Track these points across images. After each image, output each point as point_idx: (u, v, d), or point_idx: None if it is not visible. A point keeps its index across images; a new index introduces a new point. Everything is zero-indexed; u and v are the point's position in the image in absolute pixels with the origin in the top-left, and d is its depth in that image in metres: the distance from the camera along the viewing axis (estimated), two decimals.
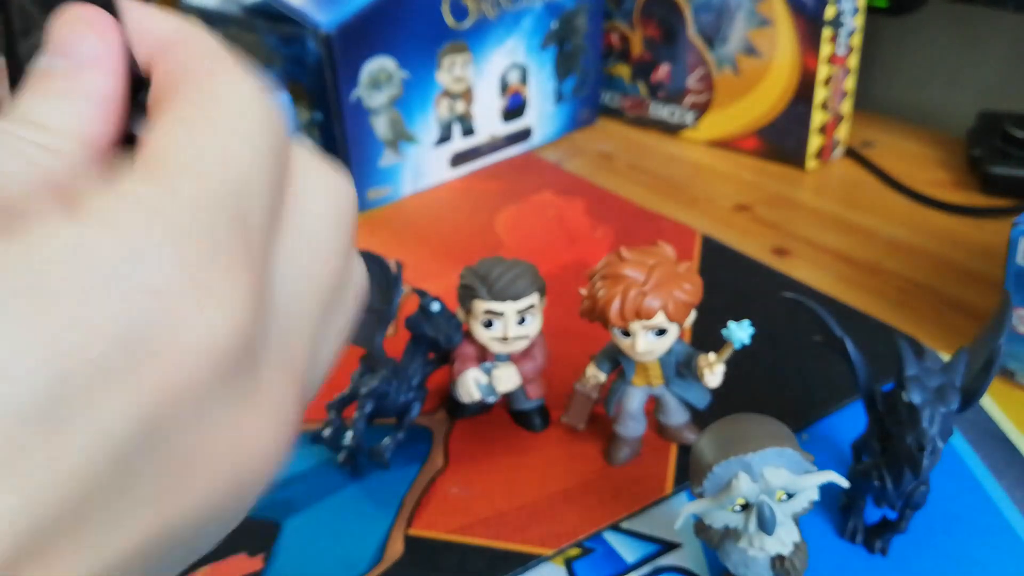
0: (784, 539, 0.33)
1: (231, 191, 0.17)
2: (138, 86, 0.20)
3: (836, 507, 0.40)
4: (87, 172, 0.18)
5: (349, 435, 0.43)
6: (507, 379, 0.43)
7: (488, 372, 0.43)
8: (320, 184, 0.21)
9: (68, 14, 0.19)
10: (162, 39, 0.20)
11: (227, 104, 0.18)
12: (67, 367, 0.15)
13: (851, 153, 0.77)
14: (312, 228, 0.20)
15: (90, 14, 0.19)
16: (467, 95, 0.74)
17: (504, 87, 0.76)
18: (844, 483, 0.33)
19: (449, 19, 0.70)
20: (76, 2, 0.19)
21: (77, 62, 0.19)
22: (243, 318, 0.17)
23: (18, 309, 0.15)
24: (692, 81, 0.79)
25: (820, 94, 0.72)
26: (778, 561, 0.33)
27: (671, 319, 0.39)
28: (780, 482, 0.32)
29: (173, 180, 0.17)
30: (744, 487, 0.32)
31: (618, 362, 0.43)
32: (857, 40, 0.72)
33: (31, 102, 0.18)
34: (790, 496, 0.33)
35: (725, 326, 0.38)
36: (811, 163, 0.74)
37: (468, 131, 0.75)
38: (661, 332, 0.40)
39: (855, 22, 0.71)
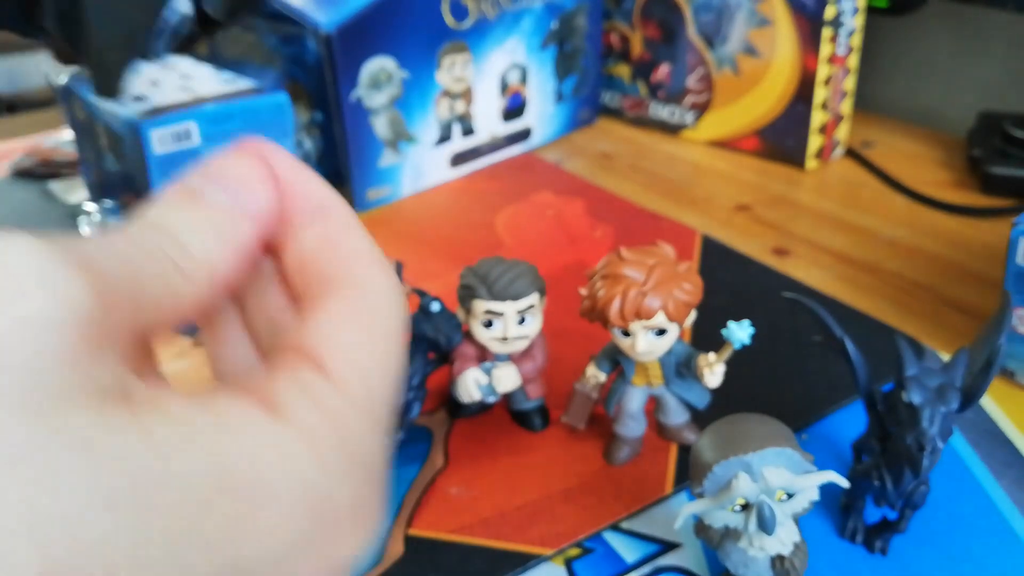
0: (784, 539, 0.33)
1: (386, 408, 0.19)
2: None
3: (836, 507, 0.40)
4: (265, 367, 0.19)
5: None
6: (507, 379, 0.43)
7: (488, 372, 0.43)
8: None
9: (247, 151, 0.20)
10: (311, 204, 0.21)
11: (382, 311, 0.20)
12: (241, 559, 0.16)
13: (851, 153, 0.77)
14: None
15: (262, 165, 0.20)
16: (467, 95, 0.74)
17: (504, 87, 0.76)
18: (844, 483, 0.33)
19: (449, 19, 0.70)
20: (252, 147, 0.20)
21: (240, 208, 0.20)
22: (377, 527, 0.19)
23: (218, 495, 0.16)
24: (692, 81, 0.79)
25: (820, 94, 0.72)
26: (778, 561, 0.33)
27: (671, 319, 0.39)
28: (780, 482, 0.32)
29: (355, 405, 0.18)
30: (744, 487, 0.32)
31: (618, 362, 0.43)
32: (857, 40, 0.72)
33: (184, 221, 0.19)
34: (790, 496, 0.33)
35: (725, 326, 0.38)
36: (811, 163, 0.74)
37: (468, 131, 0.75)
38: (661, 332, 0.40)
39: (855, 22, 0.71)
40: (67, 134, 0.85)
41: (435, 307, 0.42)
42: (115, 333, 0.16)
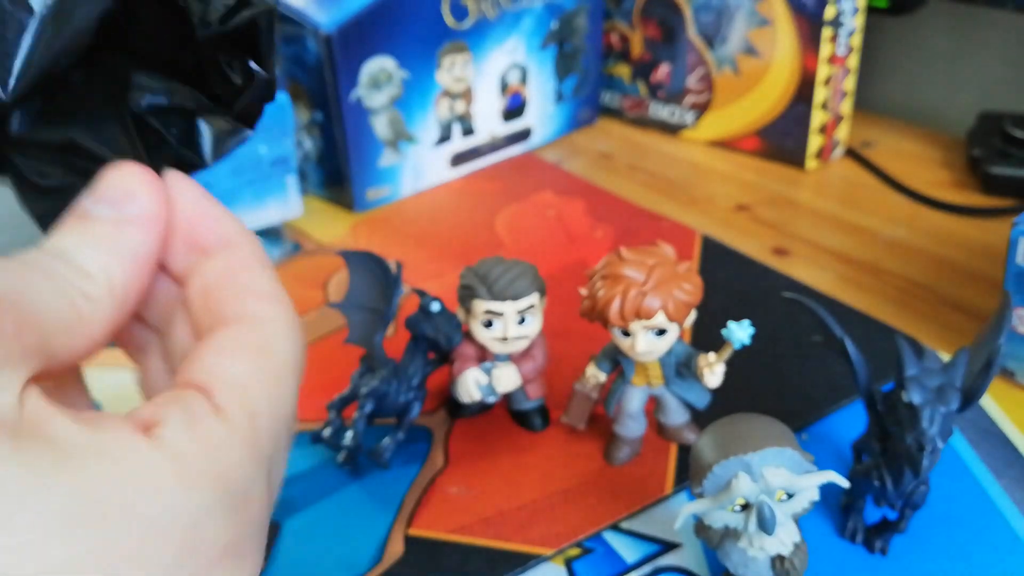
0: (784, 539, 0.33)
1: (273, 444, 0.19)
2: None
3: (836, 507, 0.40)
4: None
5: (349, 435, 0.43)
6: (507, 379, 0.43)
7: (488, 372, 0.43)
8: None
9: (123, 168, 0.20)
10: (215, 235, 0.21)
11: (275, 347, 0.20)
12: None
13: (851, 153, 0.77)
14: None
15: (144, 174, 0.20)
16: (467, 95, 0.74)
17: (504, 87, 0.76)
18: (844, 483, 0.33)
19: (449, 19, 0.70)
20: (132, 163, 0.20)
21: (123, 215, 0.20)
22: (255, 571, 0.19)
23: (95, 524, 0.16)
24: (692, 81, 0.79)
25: (820, 94, 0.72)
26: (778, 561, 0.33)
27: (671, 319, 0.39)
28: (780, 482, 0.32)
29: (236, 435, 0.18)
30: (744, 487, 0.32)
31: (618, 362, 0.43)
32: (857, 40, 0.72)
33: (74, 242, 0.19)
34: (790, 496, 0.33)
35: (725, 326, 0.38)
36: (811, 163, 0.74)
37: (468, 131, 0.75)
38: (661, 332, 0.40)
39: (855, 22, 0.71)
40: None
41: (435, 307, 0.42)
42: (14, 357, 0.16)
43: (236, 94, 0.24)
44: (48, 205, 0.22)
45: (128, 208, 0.20)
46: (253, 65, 0.24)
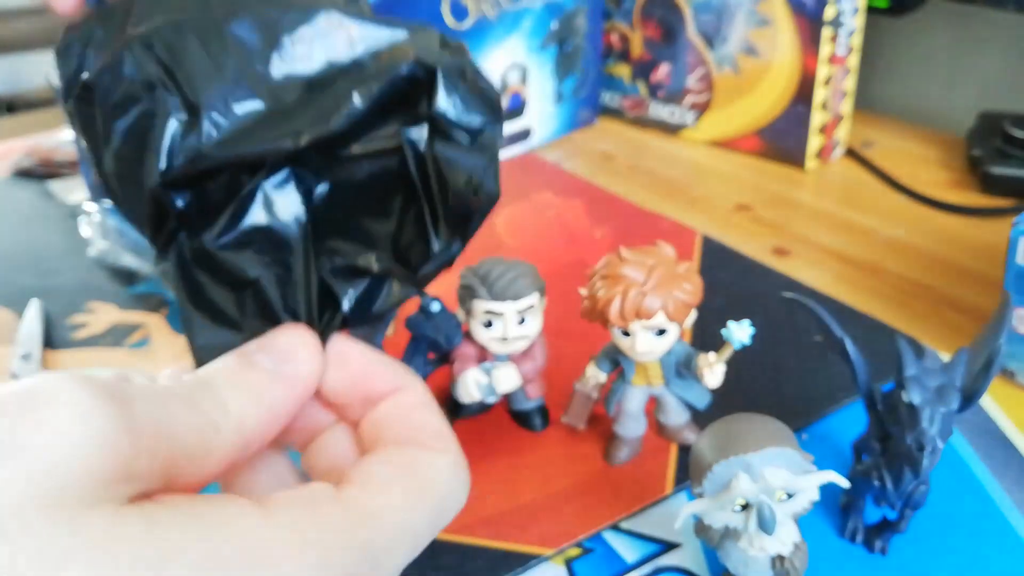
0: (784, 539, 0.33)
1: (385, 556, 0.20)
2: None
3: (836, 507, 0.40)
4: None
5: None
6: (507, 379, 0.43)
7: (488, 372, 0.43)
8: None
9: (293, 329, 0.23)
10: (386, 383, 0.23)
11: (434, 479, 0.22)
12: None
13: (851, 153, 0.77)
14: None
15: (309, 339, 0.23)
16: None
17: (504, 87, 0.76)
18: (844, 483, 0.33)
19: (449, 19, 0.70)
20: (302, 326, 0.23)
21: (278, 370, 0.22)
22: None
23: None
24: (692, 81, 0.79)
25: (820, 94, 0.72)
26: (778, 561, 0.33)
27: (671, 319, 0.39)
28: (780, 482, 0.32)
29: (358, 534, 0.19)
30: (744, 487, 0.32)
31: (618, 362, 0.43)
32: (857, 40, 0.72)
33: (225, 380, 0.21)
34: (790, 496, 0.33)
35: (725, 326, 0.38)
36: (811, 163, 0.74)
37: None
38: (661, 332, 0.40)
39: (855, 22, 0.71)
40: (67, 134, 0.85)
41: (435, 307, 0.42)
42: (142, 470, 0.18)
43: (424, 259, 0.25)
44: (210, 337, 0.23)
45: (285, 366, 0.22)
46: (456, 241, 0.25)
